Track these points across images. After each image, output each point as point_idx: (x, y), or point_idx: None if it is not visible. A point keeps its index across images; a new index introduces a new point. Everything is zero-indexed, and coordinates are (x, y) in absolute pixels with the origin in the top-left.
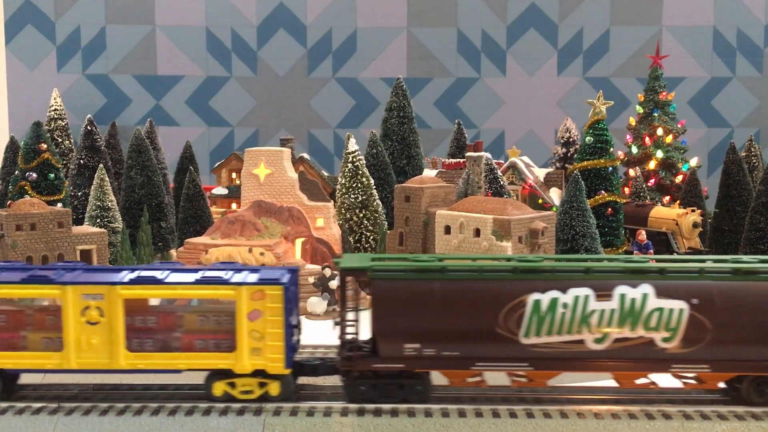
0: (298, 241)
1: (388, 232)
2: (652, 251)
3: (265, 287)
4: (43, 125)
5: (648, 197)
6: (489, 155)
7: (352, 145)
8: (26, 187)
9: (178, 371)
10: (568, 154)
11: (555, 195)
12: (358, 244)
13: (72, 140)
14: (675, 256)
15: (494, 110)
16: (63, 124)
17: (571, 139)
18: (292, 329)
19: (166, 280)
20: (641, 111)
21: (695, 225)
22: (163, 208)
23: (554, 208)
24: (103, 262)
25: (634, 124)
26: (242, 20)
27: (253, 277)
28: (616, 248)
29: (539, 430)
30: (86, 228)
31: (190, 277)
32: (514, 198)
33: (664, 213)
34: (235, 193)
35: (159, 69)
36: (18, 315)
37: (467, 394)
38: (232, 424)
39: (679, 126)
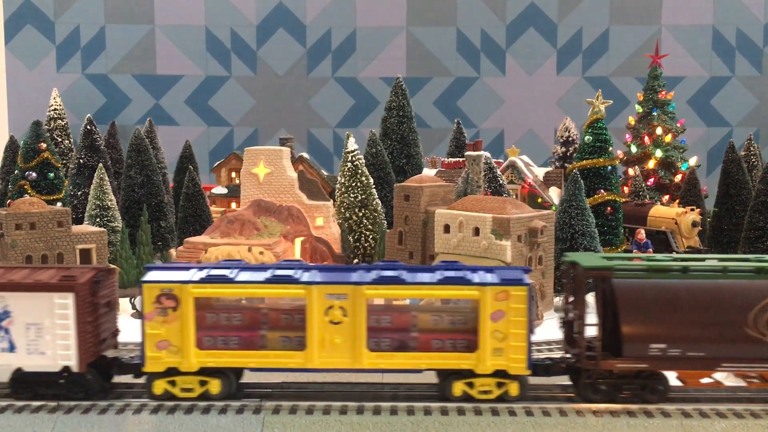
0: (298, 240)
1: (388, 231)
2: (651, 250)
3: (509, 288)
4: (42, 125)
5: (647, 196)
6: (488, 154)
7: (352, 145)
8: (26, 187)
9: (419, 371)
10: (568, 154)
11: (554, 194)
12: (358, 244)
13: (71, 140)
14: None
15: (493, 109)
16: (62, 123)
17: (570, 139)
18: None
19: (411, 281)
20: (640, 110)
21: (694, 224)
22: (162, 208)
23: (553, 207)
24: (103, 262)
25: (633, 123)
26: (242, 20)
27: (494, 278)
28: (615, 247)
29: (538, 428)
30: (86, 227)
31: (433, 277)
32: (514, 197)
33: (664, 212)
34: (234, 193)
35: (158, 68)
36: (255, 314)
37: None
38: (232, 422)
39: (678, 125)
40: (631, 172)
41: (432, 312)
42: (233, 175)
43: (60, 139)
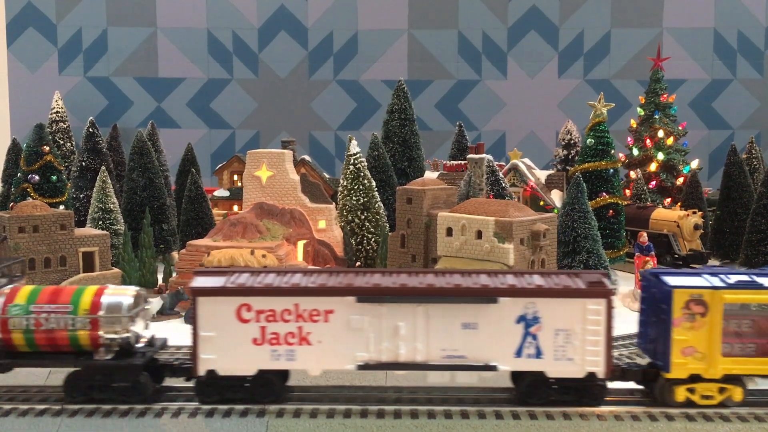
0: (300, 243)
1: (390, 234)
2: (653, 253)
3: None
4: (45, 127)
5: (649, 199)
6: (490, 157)
7: (354, 147)
8: (28, 190)
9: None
10: (569, 156)
11: (556, 197)
12: (360, 246)
13: (74, 142)
14: None
15: (495, 112)
16: (65, 126)
17: (572, 141)
18: None
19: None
20: (642, 113)
21: (696, 227)
22: (164, 210)
23: (555, 210)
24: (106, 265)
25: (635, 126)
26: (243, 22)
27: None
28: (617, 250)
29: (542, 430)
30: (88, 230)
31: None
32: (516, 200)
33: (666, 215)
34: (236, 195)
35: (160, 71)
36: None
37: (469, 396)
38: (236, 425)
39: (680, 128)
40: (632, 175)
41: None
42: (235, 177)
43: (62, 142)
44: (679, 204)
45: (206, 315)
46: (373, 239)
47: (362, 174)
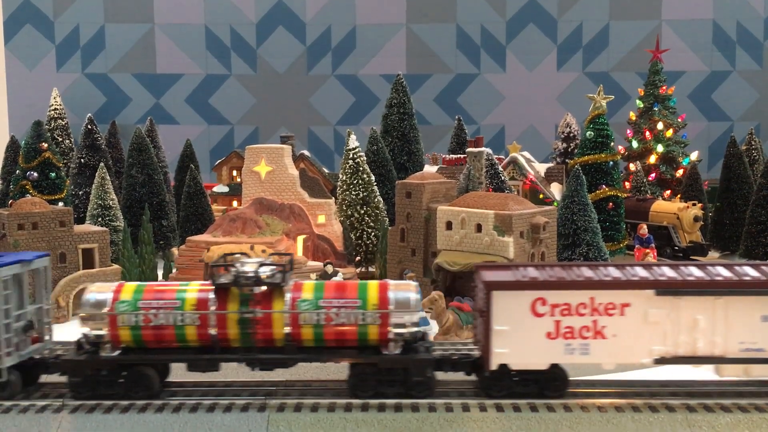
0: (300, 238)
1: (390, 228)
2: (653, 245)
3: None
4: (43, 124)
5: (649, 191)
6: (490, 151)
7: (353, 142)
8: (27, 187)
9: None
10: (569, 149)
11: (556, 190)
12: (360, 241)
13: (72, 139)
14: None
15: (494, 106)
16: (63, 123)
17: (571, 134)
18: None
19: None
20: (641, 105)
21: (696, 219)
22: (164, 207)
23: (555, 203)
24: (105, 261)
25: (634, 118)
26: (241, 18)
27: None
28: (617, 243)
29: (543, 423)
30: (88, 227)
31: None
32: (515, 193)
33: (665, 207)
34: (235, 191)
35: (158, 67)
36: None
37: (470, 389)
38: (237, 420)
39: (679, 120)
40: (632, 167)
41: None
42: (234, 173)
43: (60, 139)
44: (678, 196)
45: (500, 309)
46: (372, 234)
47: (361, 168)
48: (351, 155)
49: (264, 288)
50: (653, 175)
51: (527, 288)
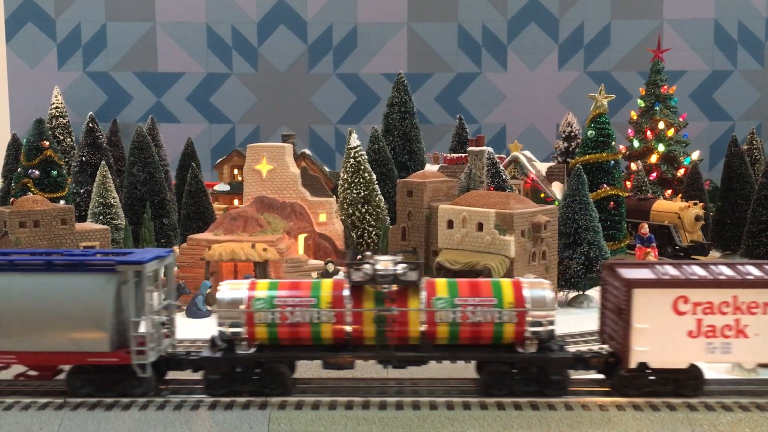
0: (301, 237)
1: (391, 227)
2: (654, 245)
3: None
4: (45, 123)
5: (650, 191)
6: (491, 150)
7: (354, 141)
8: (29, 185)
9: None
10: (570, 149)
11: (557, 189)
12: (361, 240)
13: (73, 138)
14: None
15: (495, 105)
16: (64, 121)
17: (572, 134)
18: None
19: None
20: (643, 105)
21: (697, 218)
22: (165, 205)
23: (556, 202)
24: None
25: (635, 117)
26: (242, 16)
27: None
28: (618, 242)
29: (544, 422)
30: (89, 225)
31: None
32: (516, 192)
33: (667, 206)
34: (237, 189)
35: (160, 66)
36: None
37: (471, 387)
38: (238, 418)
39: (680, 119)
40: (633, 166)
41: None
42: (235, 172)
43: (62, 137)
44: (680, 195)
45: (641, 307)
46: (374, 232)
47: (363, 167)
48: (352, 154)
49: (397, 286)
50: (654, 174)
51: (670, 286)
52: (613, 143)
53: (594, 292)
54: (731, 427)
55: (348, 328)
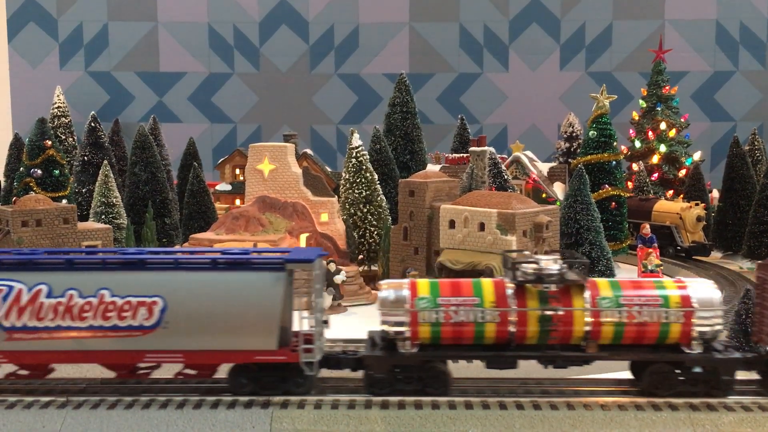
0: (303, 237)
1: (392, 226)
2: (656, 245)
3: None
4: (47, 122)
5: (651, 191)
6: (492, 150)
7: (356, 141)
8: (31, 184)
9: None
10: (571, 149)
11: (558, 189)
12: (363, 239)
13: (75, 137)
14: None
15: (497, 105)
16: (66, 121)
17: (574, 134)
18: None
19: None
20: (644, 105)
21: (699, 219)
22: (167, 204)
23: (558, 203)
24: None
25: (637, 118)
26: (244, 16)
27: None
28: (620, 242)
29: (546, 421)
30: (91, 224)
31: None
32: (518, 192)
33: (668, 207)
34: (238, 189)
35: (161, 66)
36: None
37: (473, 386)
38: (240, 417)
39: (682, 120)
40: (635, 167)
41: None
42: (237, 171)
43: (64, 137)
44: (681, 196)
45: None
46: (375, 232)
47: (364, 167)
48: (354, 154)
49: (562, 286)
50: (656, 174)
51: None
52: (615, 144)
53: None
54: (733, 427)
55: (512, 328)
